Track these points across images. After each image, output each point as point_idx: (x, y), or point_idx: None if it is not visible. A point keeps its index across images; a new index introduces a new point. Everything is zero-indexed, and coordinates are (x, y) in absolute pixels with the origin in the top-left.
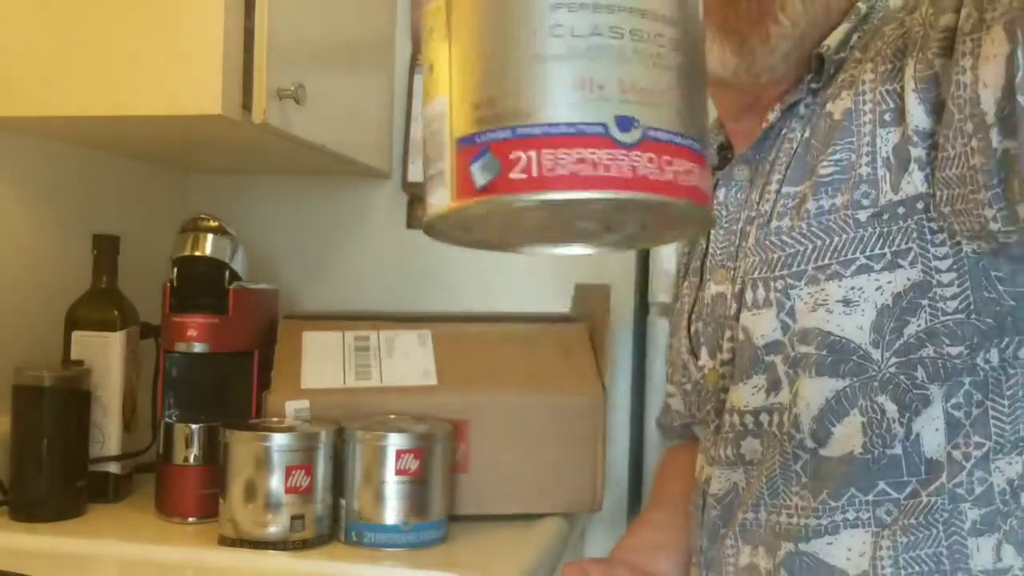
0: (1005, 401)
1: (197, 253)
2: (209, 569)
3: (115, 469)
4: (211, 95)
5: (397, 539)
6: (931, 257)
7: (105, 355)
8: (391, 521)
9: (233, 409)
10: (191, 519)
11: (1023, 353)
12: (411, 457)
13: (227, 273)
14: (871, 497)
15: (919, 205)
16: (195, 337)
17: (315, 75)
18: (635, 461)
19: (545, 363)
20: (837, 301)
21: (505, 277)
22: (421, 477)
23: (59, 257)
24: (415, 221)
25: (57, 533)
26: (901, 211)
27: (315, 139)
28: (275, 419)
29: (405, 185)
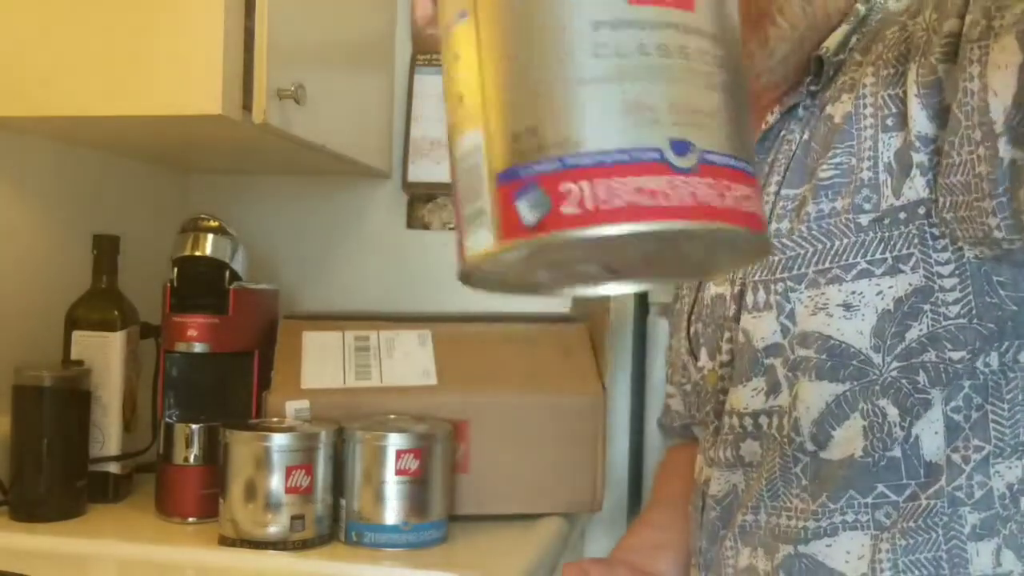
0: (1005, 405)
1: (197, 253)
2: (209, 569)
3: (115, 469)
4: (211, 95)
5: (397, 539)
6: (933, 262)
7: (105, 355)
8: (391, 521)
9: (233, 409)
10: (191, 519)
11: (1023, 357)
12: (411, 457)
13: (227, 273)
14: (870, 500)
15: (921, 210)
16: (195, 337)
17: (315, 75)
18: (635, 461)
19: (545, 363)
20: (837, 305)
21: None
22: (421, 477)
23: (59, 257)
24: (415, 221)
25: (57, 533)
26: (903, 216)
27: (315, 139)
28: (275, 419)
29: (405, 185)
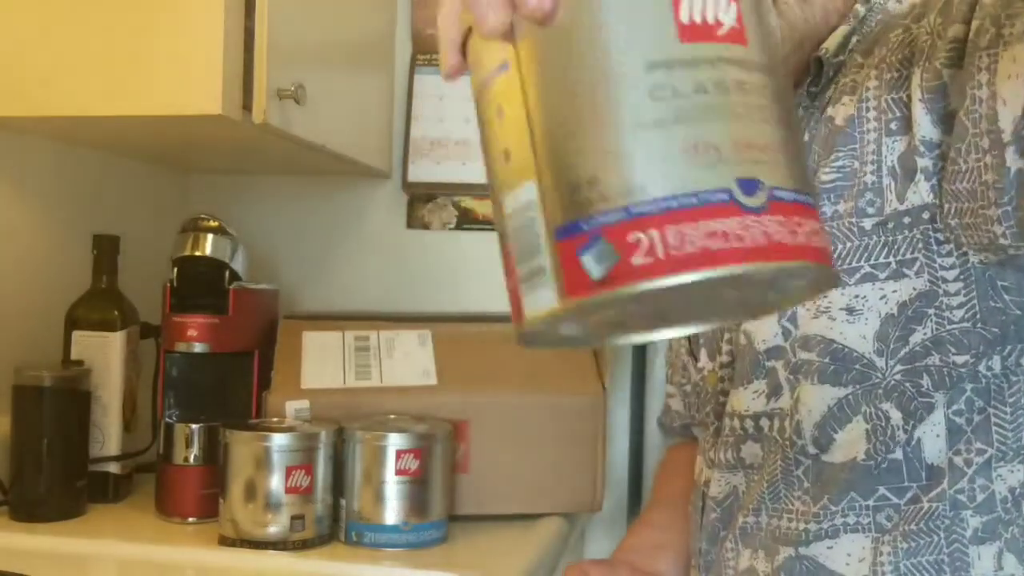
0: (1007, 409)
1: (197, 253)
2: (209, 569)
3: (115, 469)
4: (211, 95)
5: (397, 539)
6: (938, 267)
7: (105, 355)
8: (391, 521)
9: (233, 409)
10: (191, 519)
11: None
12: (411, 457)
13: (227, 273)
14: (871, 502)
15: (925, 215)
16: (195, 337)
17: (315, 75)
18: (635, 461)
19: (545, 363)
20: (840, 309)
21: None
22: (421, 477)
23: (59, 257)
24: (415, 221)
25: (57, 533)
26: (907, 221)
27: (315, 139)
28: (275, 419)
29: (405, 185)
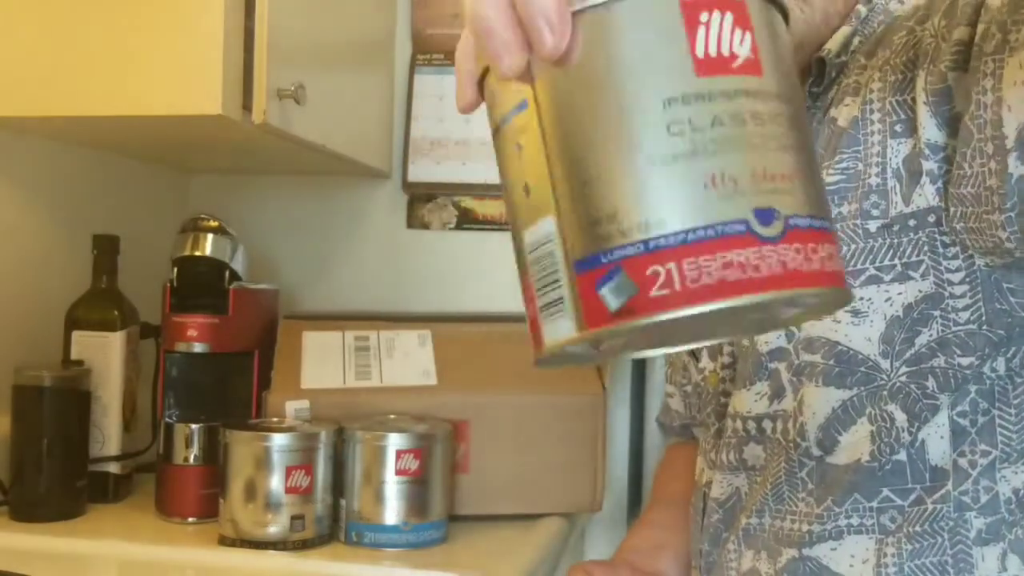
0: (1012, 410)
1: (197, 253)
2: (209, 569)
3: (115, 469)
4: (211, 95)
5: (397, 539)
6: (943, 269)
7: (105, 355)
8: (391, 521)
9: (233, 409)
10: (191, 519)
11: None
12: (411, 457)
13: (227, 273)
14: (875, 504)
15: (931, 218)
16: (195, 337)
17: (315, 75)
18: (635, 461)
19: None
20: (845, 311)
21: (505, 277)
22: (421, 477)
23: (59, 257)
24: (415, 221)
25: (57, 533)
26: (912, 223)
27: (315, 139)
28: (275, 419)
29: (405, 185)
